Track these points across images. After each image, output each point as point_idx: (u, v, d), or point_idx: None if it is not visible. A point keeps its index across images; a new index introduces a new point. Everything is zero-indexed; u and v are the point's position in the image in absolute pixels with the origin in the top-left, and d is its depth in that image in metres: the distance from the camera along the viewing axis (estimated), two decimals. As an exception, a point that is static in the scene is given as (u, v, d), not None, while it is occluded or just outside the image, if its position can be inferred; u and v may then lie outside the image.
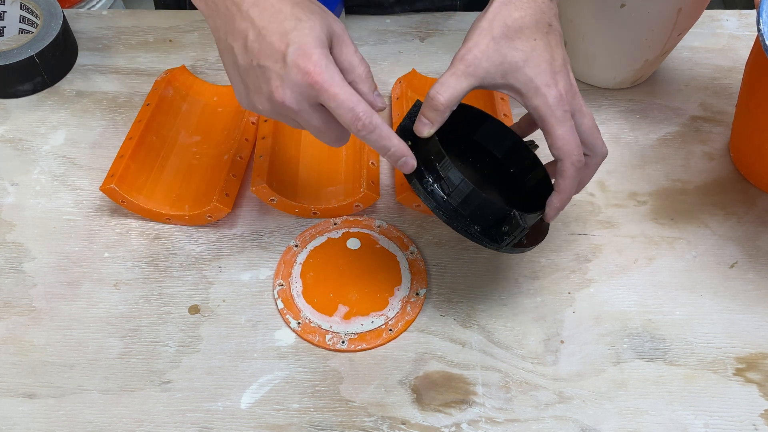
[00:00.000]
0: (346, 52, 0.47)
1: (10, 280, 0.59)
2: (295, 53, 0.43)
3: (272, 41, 0.44)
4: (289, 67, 0.43)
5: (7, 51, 0.69)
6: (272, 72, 0.44)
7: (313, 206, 0.61)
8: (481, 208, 0.48)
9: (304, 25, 0.44)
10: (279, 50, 0.44)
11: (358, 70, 0.47)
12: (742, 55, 0.75)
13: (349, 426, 0.51)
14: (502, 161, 0.55)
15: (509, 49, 0.47)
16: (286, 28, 0.44)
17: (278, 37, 0.44)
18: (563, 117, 0.47)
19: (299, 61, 0.43)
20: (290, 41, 0.43)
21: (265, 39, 0.44)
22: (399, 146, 0.46)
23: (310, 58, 0.43)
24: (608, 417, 0.52)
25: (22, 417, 0.52)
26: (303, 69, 0.43)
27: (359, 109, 0.44)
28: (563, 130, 0.47)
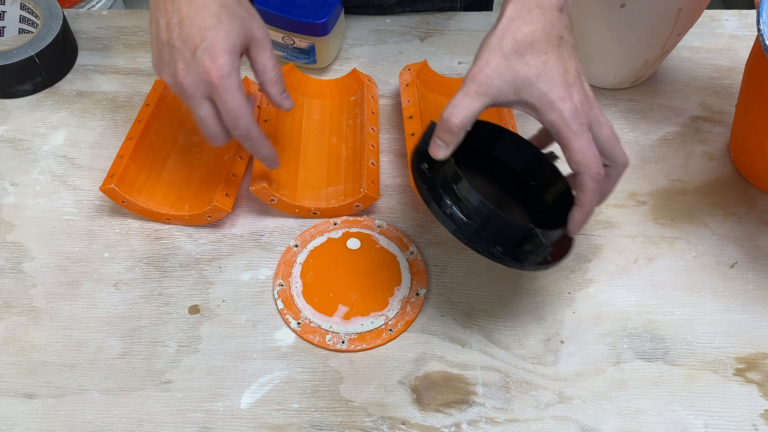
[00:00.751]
0: (262, 56, 0.53)
1: (10, 280, 0.59)
2: (204, 51, 0.49)
3: (191, 31, 0.49)
4: (197, 60, 0.49)
5: (7, 51, 0.69)
6: (181, 56, 0.49)
7: (313, 206, 0.61)
8: (501, 229, 0.47)
9: (223, 27, 0.49)
10: (194, 41, 0.49)
11: (269, 73, 0.53)
12: (742, 55, 0.75)
13: (349, 426, 0.51)
14: (522, 175, 0.54)
15: (521, 65, 0.46)
16: (206, 24, 0.49)
17: (197, 30, 0.49)
18: (580, 130, 0.47)
19: (206, 59, 0.49)
20: (205, 38, 0.49)
21: (185, 27, 0.49)
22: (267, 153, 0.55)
23: (216, 60, 0.49)
24: (608, 417, 0.52)
25: (22, 417, 0.52)
26: (206, 67, 0.49)
27: (241, 121, 0.51)
28: (580, 143, 0.47)
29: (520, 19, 0.47)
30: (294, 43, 0.71)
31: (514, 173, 0.54)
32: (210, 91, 0.50)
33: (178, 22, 0.50)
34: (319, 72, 0.74)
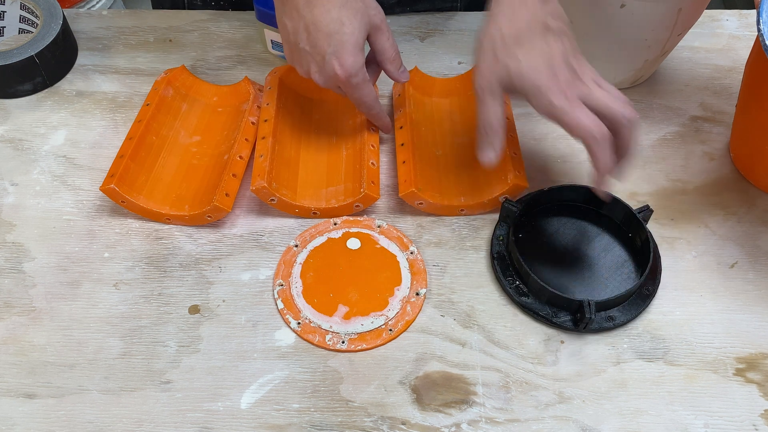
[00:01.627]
0: (381, 39, 0.59)
1: (10, 280, 0.59)
2: (332, 55, 0.55)
3: (317, 37, 0.55)
4: (327, 63, 0.55)
5: (7, 51, 0.69)
6: (313, 59, 0.56)
7: (313, 206, 0.61)
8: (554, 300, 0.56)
9: (345, 30, 0.54)
10: (321, 47, 0.55)
11: (388, 53, 0.60)
12: (742, 55, 0.75)
13: (349, 426, 0.51)
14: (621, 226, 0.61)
15: (510, 60, 0.51)
16: (331, 30, 0.54)
17: (323, 36, 0.55)
18: (569, 107, 0.50)
19: (334, 63, 0.55)
20: (331, 43, 0.55)
21: (311, 34, 0.55)
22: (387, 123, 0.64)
23: (344, 64, 0.55)
24: (608, 417, 0.52)
25: (22, 417, 0.52)
26: (335, 70, 0.55)
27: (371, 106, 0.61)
28: (571, 117, 0.50)
29: (504, 15, 0.52)
30: (294, 43, 0.71)
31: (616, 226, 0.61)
32: (341, 86, 0.58)
33: (305, 28, 0.55)
34: (319, 72, 0.74)
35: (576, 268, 0.58)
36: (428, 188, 0.61)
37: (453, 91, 0.71)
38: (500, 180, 0.61)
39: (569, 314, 0.55)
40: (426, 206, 0.61)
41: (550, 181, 0.64)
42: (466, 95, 0.70)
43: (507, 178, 0.60)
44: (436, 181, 0.63)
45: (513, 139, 0.64)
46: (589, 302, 0.53)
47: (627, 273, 0.58)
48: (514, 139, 0.64)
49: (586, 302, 0.53)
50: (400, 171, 0.61)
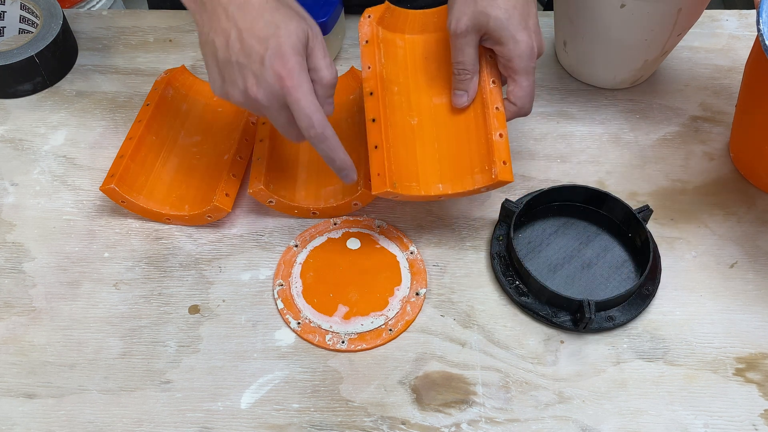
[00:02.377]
0: (316, 56, 0.51)
1: (10, 280, 0.59)
2: (271, 57, 0.48)
3: (252, 44, 0.48)
4: (266, 68, 0.48)
5: (7, 51, 0.69)
6: (249, 71, 0.49)
7: (312, 206, 0.61)
8: (554, 300, 0.55)
9: (282, 33, 0.49)
10: (258, 52, 0.48)
11: (322, 73, 0.51)
12: (742, 55, 0.75)
13: (349, 426, 0.51)
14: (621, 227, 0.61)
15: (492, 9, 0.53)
16: (267, 33, 0.48)
17: (257, 41, 0.48)
18: (530, 70, 0.55)
19: (275, 65, 0.48)
20: (269, 46, 0.48)
21: (245, 41, 0.48)
22: (344, 159, 0.52)
23: (286, 64, 0.48)
24: (608, 417, 0.52)
25: (22, 417, 0.52)
26: (277, 73, 0.48)
27: (315, 119, 0.49)
28: (528, 82, 0.55)
29: None
30: (294, 43, 0.71)
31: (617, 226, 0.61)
32: (283, 95, 0.49)
33: (237, 38, 0.49)
34: (319, 72, 0.74)
35: (576, 268, 0.58)
36: (404, 179, 0.56)
37: (429, 26, 0.62)
38: (484, 170, 0.55)
39: (569, 314, 0.55)
40: (401, 198, 0.57)
41: (550, 181, 0.64)
42: (443, 32, 0.61)
43: (491, 171, 0.55)
44: (413, 167, 0.57)
45: (499, 115, 0.56)
46: (589, 302, 0.53)
47: (627, 273, 0.58)
48: (500, 115, 0.56)
49: (586, 302, 0.53)
50: (372, 159, 0.55)
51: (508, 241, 0.58)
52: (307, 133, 0.50)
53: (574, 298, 0.54)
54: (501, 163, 0.55)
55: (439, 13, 0.61)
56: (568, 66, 0.73)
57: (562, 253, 0.59)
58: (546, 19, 0.78)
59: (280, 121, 0.51)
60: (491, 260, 0.59)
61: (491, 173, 0.55)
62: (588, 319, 0.53)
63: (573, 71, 0.73)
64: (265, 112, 0.51)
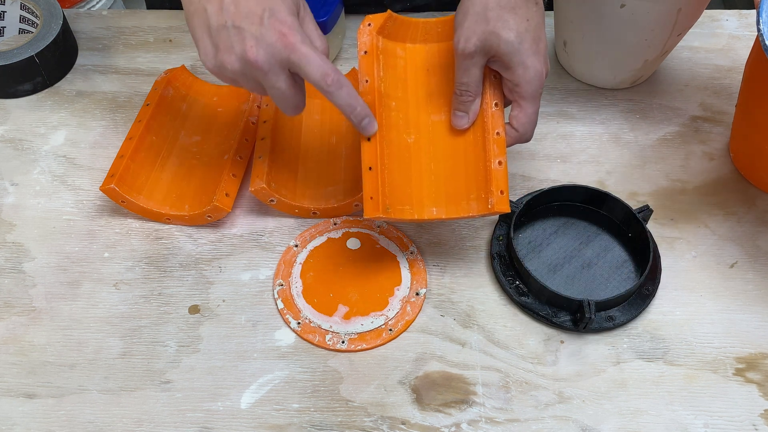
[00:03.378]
0: (307, 26, 0.51)
1: (10, 280, 0.59)
2: (271, 17, 0.47)
3: (249, 5, 0.47)
4: (266, 27, 0.47)
5: (7, 51, 0.69)
6: (248, 32, 0.47)
7: (313, 206, 0.61)
8: (554, 300, 0.55)
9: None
10: (256, 13, 0.47)
11: (315, 42, 0.50)
12: (742, 55, 0.75)
13: (349, 426, 0.51)
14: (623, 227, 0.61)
15: (503, 30, 0.51)
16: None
17: (255, 2, 0.47)
18: (537, 96, 0.53)
19: (275, 23, 0.47)
20: (266, 6, 0.47)
21: (241, 3, 0.47)
22: (364, 106, 0.51)
23: (285, 22, 0.47)
24: (608, 417, 0.52)
25: (22, 417, 0.52)
26: (279, 30, 0.47)
27: (328, 67, 0.48)
28: (533, 109, 0.53)
29: None
30: (294, 43, 0.71)
31: (617, 226, 0.61)
32: (287, 54, 0.47)
33: (232, 2, 0.47)
34: (319, 72, 0.74)
35: (576, 268, 0.58)
36: (397, 203, 0.54)
37: (432, 36, 0.59)
38: (480, 198, 0.54)
39: (569, 314, 0.55)
40: (394, 221, 0.57)
41: (550, 181, 0.64)
42: (447, 42, 0.58)
43: (488, 201, 0.53)
44: (407, 189, 0.55)
45: (499, 140, 0.54)
46: (588, 302, 0.53)
47: (627, 273, 0.58)
48: (500, 140, 0.54)
49: (586, 302, 0.53)
50: (366, 181, 0.53)
51: (508, 241, 0.58)
52: (324, 81, 0.48)
53: (574, 298, 0.54)
54: (498, 193, 0.53)
55: (444, 23, 0.58)
56: (568, 66, 0.73)
57: (562, 253, 0.59)
58: (546, 20, 0.78)
59: (279, 85, 0.49)
60: (491, 260, 0.59)
61: (488, 202, 0.53)
62: (588, 319, 0.53)
63: (573, 71, 0.73)
64: (264, 80, 0.48)
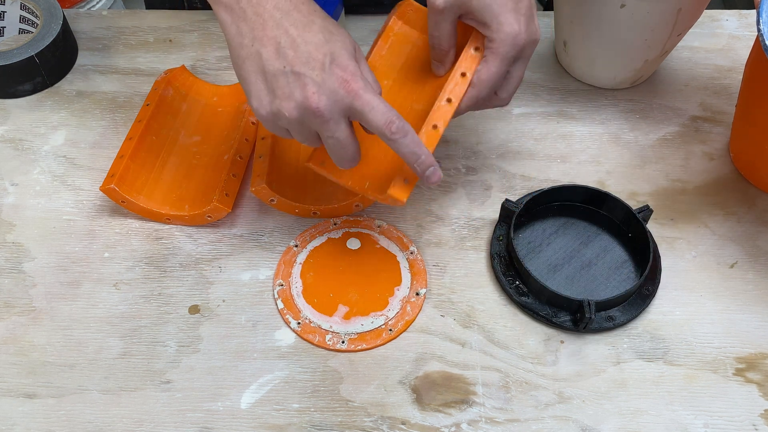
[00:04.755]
0: (364, 69, 0.48)
1: (10, 280, 0.59)
2: (333, 63, 0.45)
3: (309, 50, 0.45)
4: (328, 74, 0.45)
5: (7, 51, 0.69)
6: (309, 78, 0.45)
7: (313, 206, 0.61)
8: (554, 300, 0.55)
9: (337, 38, 0.46)
10: (317, 58, 0.45)
11: (373, 86, 0.48)
12: (742, 55, 0.75)
13: (349, 426, 0.51)
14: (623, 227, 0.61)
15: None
16: (321, 39, 0.46)
17: (314, 46, 0.45)
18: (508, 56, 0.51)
19: (337, 69, 0.45)
20: (327, 51, 0.45)
21: (300, 47, 0.45)
22: (428, 155, 0.47)
23: (347, 68, 0.45)
24: (608, 417, 0.52)
25: (22, 417, 0.52)
26: (341, 77, 0.45)
27: (393, 114, 0.45)
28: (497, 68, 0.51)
29: None
30: (294, 43, 0.71)
31: (617, 226, 0.61)
32: (350, 101, 0.45)
33: (290, 45, 0.45)
34: (319, 72, 0.74)
35: (576, 268, 0.58)
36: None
37: None
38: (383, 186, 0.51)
39: (569, 314, 0.55)
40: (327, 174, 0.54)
41: (550, 181, 0.64)
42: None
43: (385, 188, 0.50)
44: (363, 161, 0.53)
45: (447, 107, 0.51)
46: (589, 302, 0.53)
47: (627, 273, 0.58)
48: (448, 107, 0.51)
49: (586, 302, 0.53)
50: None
51: (508, 241, 0.58)
52: (388, 129, 0.45)
53: (574, 298, 0.54)
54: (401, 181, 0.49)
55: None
56: (568, 66, 0.73)
57: (562, 253, 0.59)
58: (546, 19, 0.78)
59: (338, 134, 0.46)
60: (491, 260, 0.59)
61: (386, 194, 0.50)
62: (588, 319, 0.53)
63: (573, 71, 0.73)
64: (322, 127, 0.46)
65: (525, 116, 0.70)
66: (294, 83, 0.45)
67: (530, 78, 0.73)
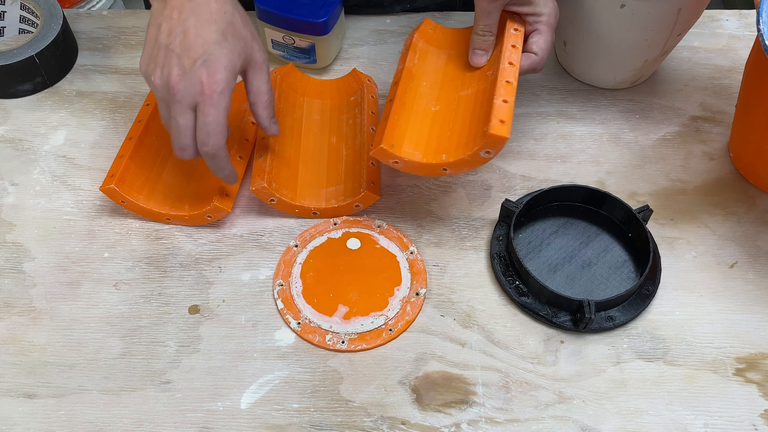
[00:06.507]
0: (258, 79, 0.55)
1: (10, 280, 0.59)
2: (203, 63, 0.50)
3: (194, 41, 0.51)
4: (194, 70, 0.50)
5: (7, 51, 0.69)
6: (179, 62, 0.51)
7: (313, 206, 0.61)
8: (554, 300, 0.55)
9: (226, 45, 0.51)
10: (195, 51, 0.50)
11: (263, 96, 0.56)
12: (742, 55, 0.75)
13: (349, 426, 0.51)
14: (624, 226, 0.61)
15: None
16: (211, 39, 0.51)
17: (201, 42, 0.51)
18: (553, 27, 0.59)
19: (203, 71, 0.50)
20: (207, 51, 0.51)
21: (189, 36, 0.51)
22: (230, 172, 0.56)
23: (213, 75, 0.50)
24: (608, 417, 0.52)
25: (22, 417, 0.52)
26: (201, 79, 0.50)
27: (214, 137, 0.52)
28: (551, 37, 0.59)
29: None
30: (294, 43, 0.71)
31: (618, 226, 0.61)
32: (198, 101, 0.51)
33: (182, 31, 0.51)
34: (319, 72, 0.74)
35: (576, 268, 0.58)
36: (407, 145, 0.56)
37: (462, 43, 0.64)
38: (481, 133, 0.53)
39: (569, 314, 0.55)
40: (402, 165, 0.56)
41: (550, 181, 0.64)
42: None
43: (484, 130, 0.52)
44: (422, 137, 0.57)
45: (509, 86, 0.55)
46: (588, 302, 0.53)
47: (627, 273, 0.58)
48: (510, 86, 0.55)
49: (586, 302, 0.53)
50: (378, 128, 0.57)
51: (508, 241, 0.58)
52: (203, 144, 0.52)
53: (574, 298, 0.54)
54: (498, 121, 0.52)
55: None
56: (568, 66, 0.73)
57: (562, 253, 0.59)
58: (546, 19, 0.78)
59: (181, 121, 0.52)
60: (491, 260, 0.59)
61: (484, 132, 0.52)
62: (588, 319, 0.53)
63: (573, 71, 0.73)
64: (173, 107, 0.51)
65: (525, 116, 0.70)
66: (168, 59, 0.51)
67: (530, 78, 0.73)
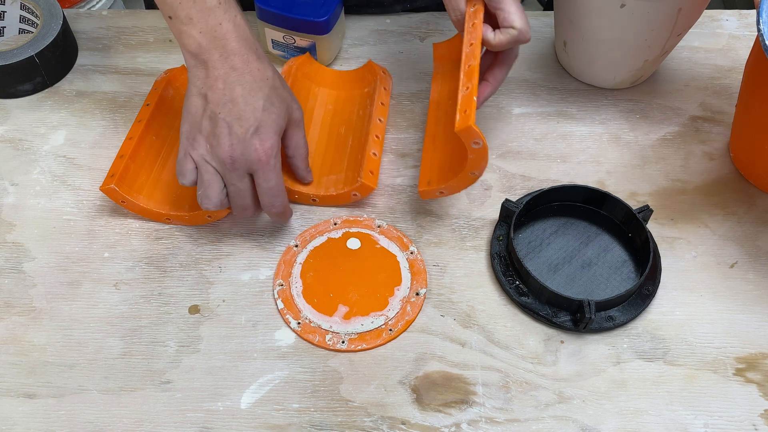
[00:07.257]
0: (297, 135, 0.58)
1: (10, 280, 0.59)
2: (257, 131, 0.53)
3: (245, 110, 0.53)
4: (249, 139, 0.53)
5: (7, 51, 0.69)
6: (232, 131, 0.53)
7: (313, 193, 0.61)
8: (554, 300, 0.55)
9: (274, 110, 0.54)
10: (247, 121, 0.53)
11: (301, 150, 0.59)
12: (742, 55, 0.75)
13: (349, 426, 0.51)
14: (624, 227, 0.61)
15: None
16: (260, 106, 0.53)
17: (251, 110, 0.53)
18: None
19: (256, 140, 0.53)
20: (259, 118, 0.53)
21: (239, 105, 0.53)
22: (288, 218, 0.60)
23: (265, 142, 0.53)
24: (608, 417, 0.52)
25: (22, 417, 0.52)
26: (257, 147, 0.53)
27: (279, 198, 0.56)
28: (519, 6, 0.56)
29: None
30: (294, 42, 0.71)
31: (616, 226, 0.61)
32: (254, 168, 0.54)
33: (230, 100, 0.53)
34: (320, 72, 0.74)
35: (576, 268, 0.58)
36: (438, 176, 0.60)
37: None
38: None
39: (569, 314, 0.55)
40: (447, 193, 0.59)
41: (551, 181, 0.64)
42: None
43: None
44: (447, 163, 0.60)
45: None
46: (589, 302, 0.53)
47: (627, 273, 0.58)
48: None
49: (586, 302, 0.53)
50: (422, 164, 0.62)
51: (508, 241, 0.58)
52: (272, 208, 0.56)
53: (574, 298, 0.54)
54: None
55: None
56: (568, 66, 0.73)
57: (562, 253, 0.59)
58: (546, 19, 0.78)
59: (241, 186, 0.55)
60: (491, 260, 0.59)
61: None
62: (588, 319, 0.53)
63: (573, 71, 0.73)
64: (230, 174, 0.54)
65: (525, 116, 0.70)
66: (219, 129, 0.53)
67: (530, 78, 0.73)
